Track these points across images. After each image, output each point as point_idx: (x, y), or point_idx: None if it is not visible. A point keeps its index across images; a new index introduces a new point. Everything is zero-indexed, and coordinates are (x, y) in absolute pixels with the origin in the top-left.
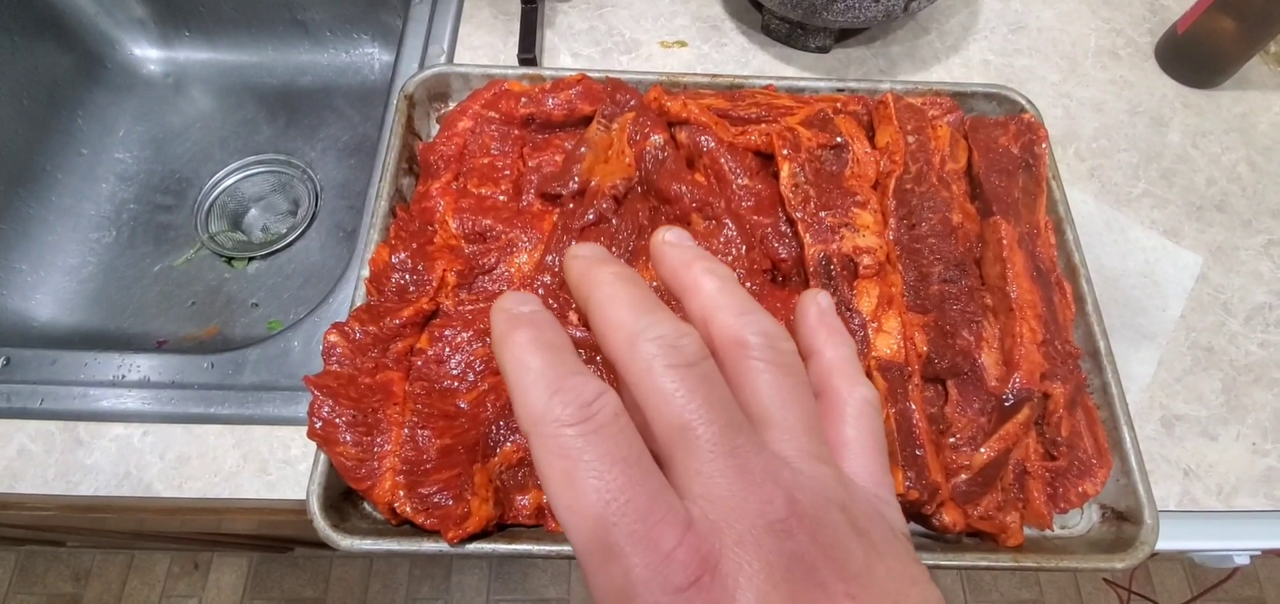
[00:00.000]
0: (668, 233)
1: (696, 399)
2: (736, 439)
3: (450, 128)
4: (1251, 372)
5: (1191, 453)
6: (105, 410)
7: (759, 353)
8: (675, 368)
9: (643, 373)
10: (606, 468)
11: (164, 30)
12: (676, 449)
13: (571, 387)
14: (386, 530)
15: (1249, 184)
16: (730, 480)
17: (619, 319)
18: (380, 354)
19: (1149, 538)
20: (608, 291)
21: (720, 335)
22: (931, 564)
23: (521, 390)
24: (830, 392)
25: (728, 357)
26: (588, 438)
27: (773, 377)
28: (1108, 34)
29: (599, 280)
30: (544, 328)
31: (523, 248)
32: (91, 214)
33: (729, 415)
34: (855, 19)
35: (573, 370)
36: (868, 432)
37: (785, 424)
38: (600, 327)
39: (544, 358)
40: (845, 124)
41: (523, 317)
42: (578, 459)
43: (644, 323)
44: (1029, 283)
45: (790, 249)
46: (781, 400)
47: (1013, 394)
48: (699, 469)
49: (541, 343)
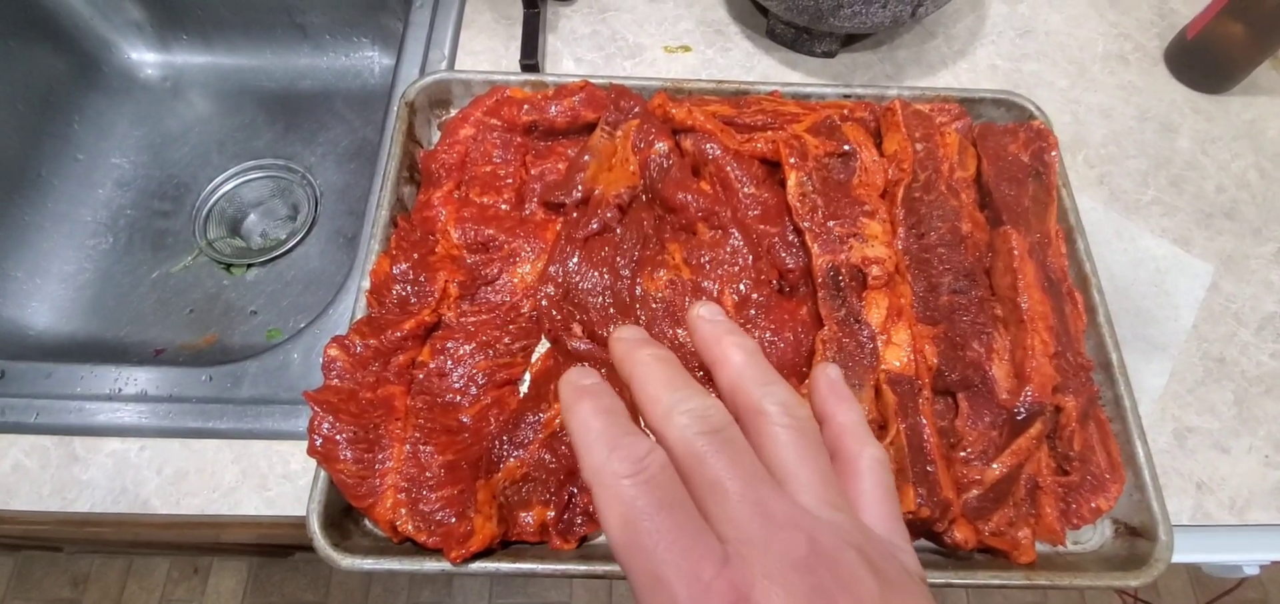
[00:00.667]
0: (702, 308)
1: (723, 458)
2: (760, 490)
3: (452, 135)
4: (1263, 383)
5: (1204, 466)
6: (102, 425)
7: (778, 419)
8: (705, 435)
9: (678, 439)
10: (655, 511)
11: (161, 34)
12: (710, 502)
13: (626, 445)
14: (388, 548)
15: (1259, 191)
16: (758, 525)
17: (656, 394)
18: (381, 368)
19: (1164, 555)
20: (646, 371)
21: (745, 403)
22: (943, 583)
23: (586, 448)
24: (843, 452)
25: (751, 422)
26: (640, 487)
27: (790, 438)
28: (1116, 39)
29: (639, 360)
30: (603, 396)
31: (525, 258)
32: (88, 220)
33: (754, 470)
34: (861, 24)
35: (628, 431)
36: (879, 485)
37: (803, 479)
38: (640, 400)
39: (604, 421)
40: (852, 131)
41: (587, 388)
42: (631, 503)
43: (677, 397)
44: (1040, 293)
45: (798, 259)
46: (799, 458)
47: (1025, 407)
48: (730, 516)
49: (601, 409)
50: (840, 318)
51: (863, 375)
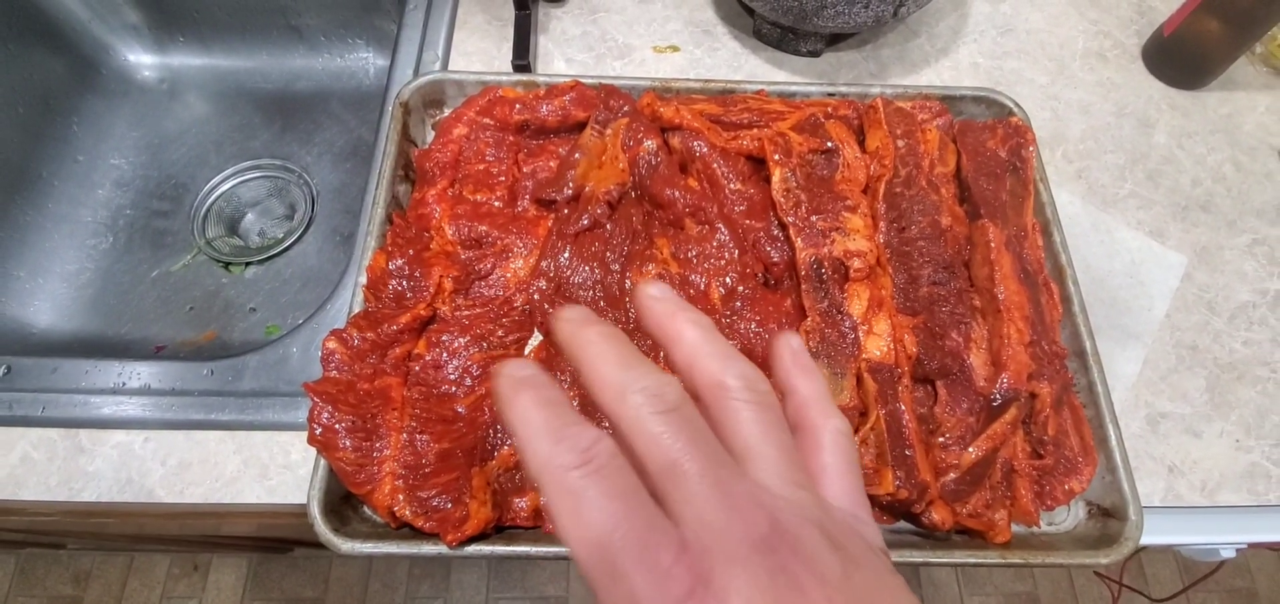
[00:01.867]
0: (651, 287)
1: (681, 439)
2: (719, 470)
3: (445, 134)
4: (1235, 369)
5: (1176, 450)
6: (106, 417)
7: (738, 394)
8: (661, 413)
9: (632, 420)
10: (607, 501)
11: (158, 36)
12: (667, 483)
13: (571, 434)
14: (386, 533)
15: (1234, 184)
16: (716, 507)
17: (608, 375)
18: (378, 360)
19: (1133, 534)
20: (595, 350)
21: (703, 380)
22: (920, 561)
23: (528, 441)
24: (806, 424)
25: (711, 399)
26: (589, 477)
27: (752, 414)
28: (1095, 36)
29: (587, 341)
30: (543, 387)
31: (518, 253)
32: (88, 220)
33: (712, 450)
34: (845, 24)
35: (572, 421)
36: (843, 458)
37: (765, 455)
38: (592, 382)
39: (546, 413)
40: (835, 129)
41: (525, 379)
42: (582, 496)
43: (630, 376)
44: (1016, 284)
45: (782, 253)
46: (761, 435)
47: (1000, 394)
48: (688, 498)
49: (542, 400)
50: (823, 309)
51: (844, 364)
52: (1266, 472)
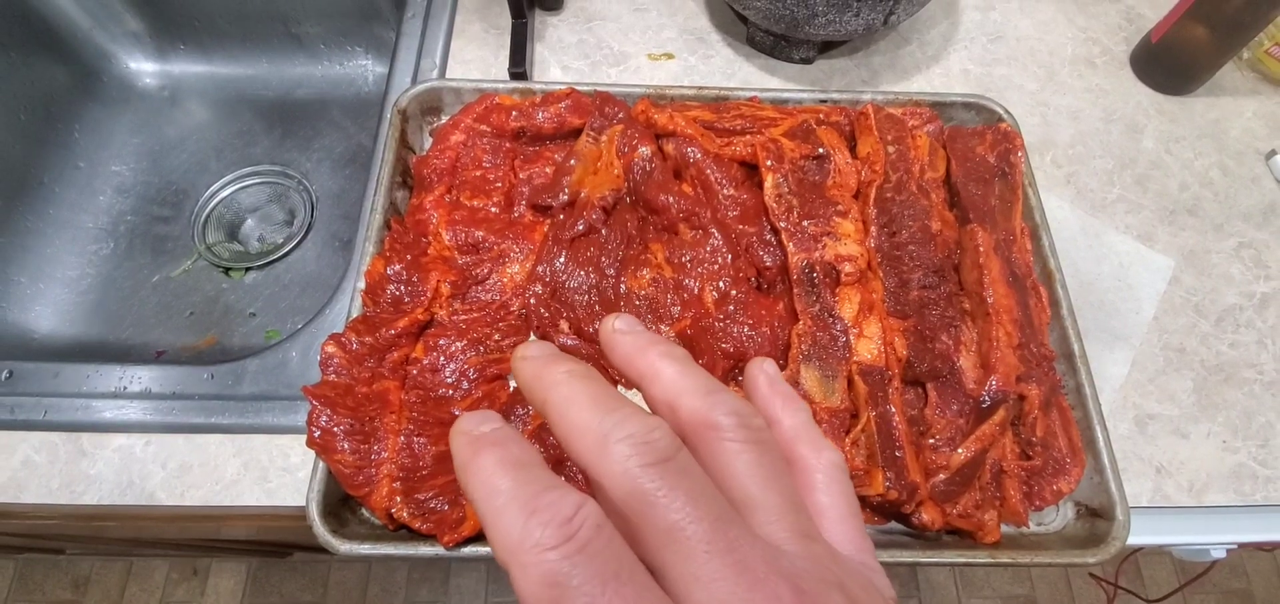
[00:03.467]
0: (617, 320)
1: (680, 497)
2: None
3: (443, 141)
4: (1222, 371)
5: (1164, 451)
6: (108, 421)
7: (732, 434)
8: (652, 466)
9: (619, 476)
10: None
11: (159, 44)
12: (668, 553)
13: (547, 503)
14: (384, 535)
15: (1221, 188)
16: (732, 582)
17: (583, 422)
18: (376, 364)
19: (1120, 534)
20: (565, 392)
21: (690, 419)
22: (911, 561)
23: (494, 516)
24: (797, 460)
25: (700, 440)
26: (573, 560)
27: (751, 457)
28: (1084, 43)
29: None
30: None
31: (514, 258)
32: (89, 226)
33: (717, 508)
34: (836, 32)
35: (547, 485)
36: (841, 496)
37: (770, 505)
38: (564, 431)
39: (514, 477)
40: (827, 135)
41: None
42: (566, 585)
43: (611, 422)
44: (1005, 288)
45: (775, 257)
46: (763, 481)
47: (989, 396)
48: (696, 574)
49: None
50: (815, 313)
51: (836, 366)
52: (1253, 472)
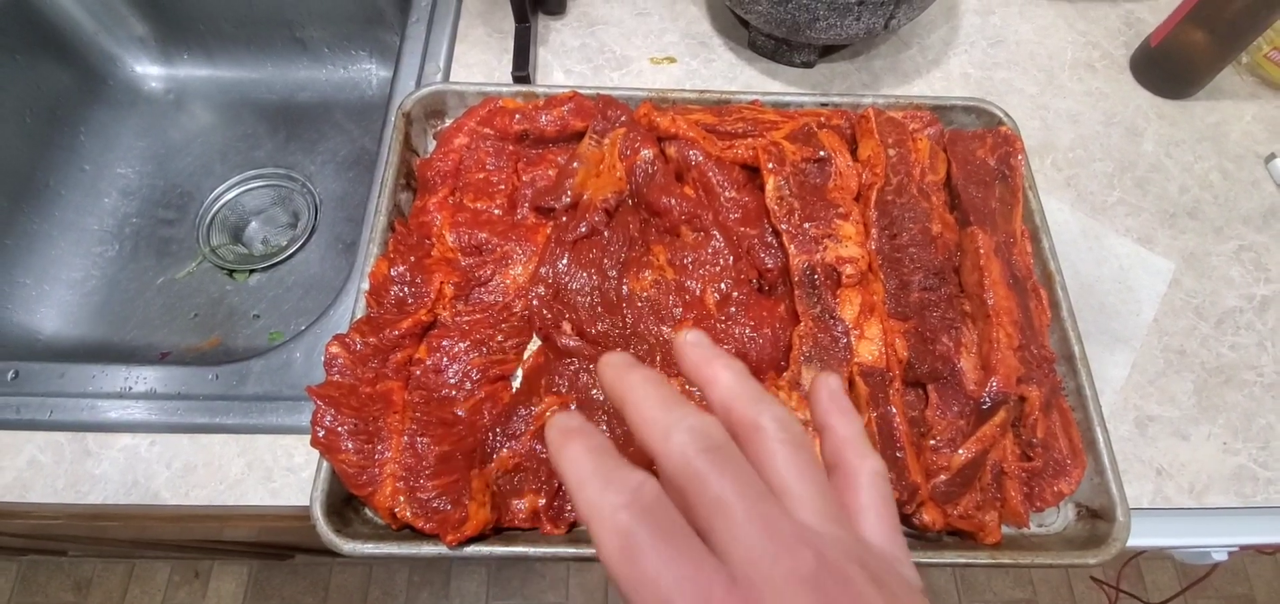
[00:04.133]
0: (689, 334)
1: (726, 476)
2: (764, 507)
3: (446, 144)
4: (1222, 373)
5: (1164, 452)
6: (113, 422)
7: (774, 435)
8: (705, 452)
9: (678, 458)
10: (656, 539)
11: (165, 48)
12: (715, 519)
13: (619, 478)
14: (387, 535)
15: (1221, 191)
16: (764, 543)
17: (652, 415)
18: (380, 364)
19: (1121, 535)
20: (640, 394)
21: (740, 420)
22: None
23: (579, 486)
24: (844, 464)
25: (748, 439)
26: (637, 516)
27: (788, 454)
28: (1084, 47)
29: (631, 384)
30: (591, 436)
31: (517, 260)
32: (94, 228)
33: (756, 488)
34: (837, 36)
35: (619, 465)
36: (880, 498)
37: (802, 494)
38: (636, 422)
39: (595, 459)
40: (828, 138)
41: (572, 429)
42: (631, 534)
43: (674, 417)
44: (1005, 290)
45: (776, 259)
46: (797, 474)
47: (990, 397)
48: (735, 535)
49: (591, 448)
50: (815, 314)
51: (836, 368)
52: (1254, 474)
